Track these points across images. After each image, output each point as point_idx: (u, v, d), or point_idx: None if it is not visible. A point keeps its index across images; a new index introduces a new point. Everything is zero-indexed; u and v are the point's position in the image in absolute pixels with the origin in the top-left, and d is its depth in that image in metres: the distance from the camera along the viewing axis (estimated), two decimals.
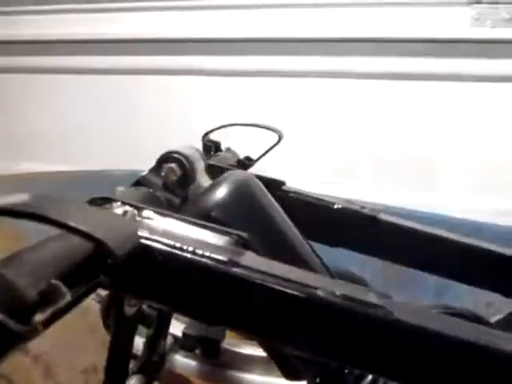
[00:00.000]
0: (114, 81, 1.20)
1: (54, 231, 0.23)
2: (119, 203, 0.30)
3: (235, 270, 0.27)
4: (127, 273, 0.27)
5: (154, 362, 0.51)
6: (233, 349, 0.58)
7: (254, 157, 0.56)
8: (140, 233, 0.27)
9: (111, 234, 0.18)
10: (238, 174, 0.38)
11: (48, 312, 0.20)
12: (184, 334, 0.57)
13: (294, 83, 1.11)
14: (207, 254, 0.27)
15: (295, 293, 0.26)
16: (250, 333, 0.28)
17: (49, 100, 1.26)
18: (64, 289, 0.21)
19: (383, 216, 0.47)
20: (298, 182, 0.52)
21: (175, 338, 0.58)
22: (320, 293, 0.26)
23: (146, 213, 0.30)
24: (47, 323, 0.19)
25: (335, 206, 0.47)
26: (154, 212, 0.30)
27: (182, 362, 0.59)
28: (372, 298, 0.26)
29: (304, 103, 1.11)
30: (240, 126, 0.58)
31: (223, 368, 0.58)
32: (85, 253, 0.25)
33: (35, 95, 1.26)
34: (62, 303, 0.20)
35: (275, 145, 0.56)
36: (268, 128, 0.58)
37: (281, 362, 0.38)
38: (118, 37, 1.19)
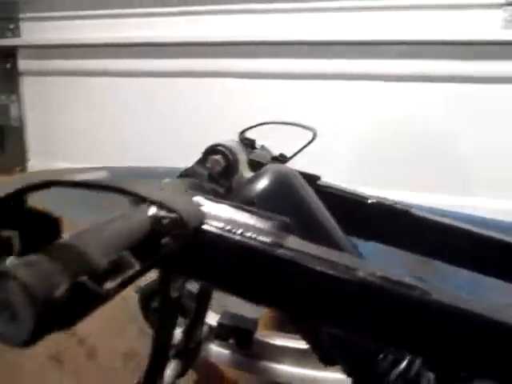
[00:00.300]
0: (150, 83, 1.25)
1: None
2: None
3: (280, 251, 0.28)
4: (181, 252, 0.29)
5: (190, 349, 0.54)
6: (265, 340, 0.60)
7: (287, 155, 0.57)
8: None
9: (184, 207, 0.20)
10: (279, 166, 0.40)
11: (119, 279, 0.22)
12: (219, 324, 0.60)
13: (329, 85, 1.13)
14: (254, 236, 0.29)
15: (337, 273, 0.27)
16: (292, 312, 0.29)
17: (90, 102, 1.31)
18: (133, 260, 0.23)
19: (415, 211, 0.48)
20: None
21: (210, 327, 0.60)
22: (360, 273, 0.28)
23: (197, 198, 0.32)
24: (118, 289, 0.22)
25: (369, 201, 0.48)
26: (204, 198, 0.32)
27: (216, 351, 0.61)
28: (410, 280, 0.28)
29: (337, 105, 1.12)
30: (275, 124, 0.60)
31: (255, 358, 0.60)
32: (145, 230, 0.28)
33: (77, 97, 1.31)
34: (130, 272, 0.22)
35: (310, 142, 0.58)
36: (303, 126, 0.60)
37: (317, 347, 0.40)
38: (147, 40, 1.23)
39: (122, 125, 1.21)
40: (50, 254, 0.22)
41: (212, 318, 0.60)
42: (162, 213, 0.30)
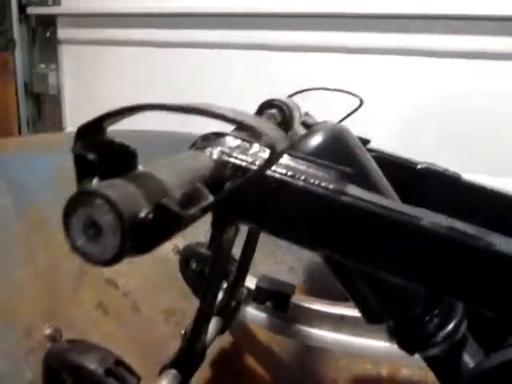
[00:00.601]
0: (186, 54, 1.25)
1: None
2: (232, 137, 0.33)
3: (343, 198, 0.29)
4: (242, 198, 0.29)
5: (231, 307, 0.55)
6: (302, 304, 0.60)
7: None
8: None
9: (272, 133, 0.20)
10: (333, 124, 0.40)
11: (196, 208, 0.23)
12: (257, 286, 0.60)
13: (374, 60, 1.11)
14: (317, 182, 0.29)
15: (402, 221, 0.27)
16: (352, 259, 0.30)
17: (127, 71, 1.32)
18: (206, 191, 0.24)
19: (466, 179, 0.47)
20: None
21: (248, 290, 0.61)
22: (425, 223, 0.28)
23: (256, 146, 0.33)
24: (196, 216, 0.22)
25: (418, 166, 0.47)
26: (263, 146, 0.32)
27: (253, 313, 0.62)
28: (475, 230, 0.28)
29: (378, 80, 1.11)
30: (321, 90, 0.60)
31: (292, 322, 0.61)
32: (211, 171, 0.28)
33: (114, 66, 1.33)
34: (205, 203, 0.23)
35: (356, 109, 0.57)
36: (349, 93, 0.59)
37: (363, 305, 0.40)
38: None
39: (159, 94, 1.22)
40: (131, 179, 0.22)
41: (250, 281, 0.60)
42: (225, 157, 0.31)
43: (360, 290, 0.39)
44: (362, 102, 0.57)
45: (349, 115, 0.57)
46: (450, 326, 0.38)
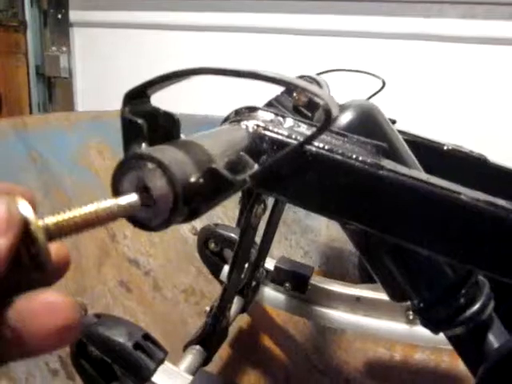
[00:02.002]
0: (200, 37, 1.24)
1: None
2: (265, 111, 0.33)
3: (381, 172, 0.28)
4: (278, 171, 0.29)
5: (252, 287, 0.55)
6: (321, 285, 0.60)
7: None
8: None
9: (328, 98, 0.20)
10: (363, 101, 0.40)
11: (242, 175, 0.23)
12: (276, 267, 0.61)
13: (393, 45, 1.10)
14: (355, 156, 0.29)
15: (441, 195, 0.27)
16: (389, 233, 0.30)
17: (139, 55, 1.31)
18: (250, 160, 0.24)
19: (492, 160, 0.47)
20: None
21: (267, 271, 0.61)
22: (464, 197, 0.28)
23: (290, 121, 0.32)
24: (245, 182, 0.22)
25: (445, 148, 0.47)
26: (298, 121, 0.32)
27: (271, 294, 0.62)
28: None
29: (398, 65, 1.10)
30: (344, 71, 0.59)
31: (310, 303, 0.61)
32: (251, 140, 0.28)
33: (126, 49, 1.32)
34: (248, 169, 0.23)
35: (379, 91, 0.57)
36: (372, 74, 0.59)
37: (389, 282, 0.40)
38: None
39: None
40: (179, 146, 0.22)
41: (269, 263, 0.61)
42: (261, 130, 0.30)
43: (387, 268, 0.39)
44: (384, 84, 0.57)
45: (372, 96, 0.56)
46: (477, 306, 0.38)
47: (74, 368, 0.41)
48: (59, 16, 1.44)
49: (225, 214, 0.72)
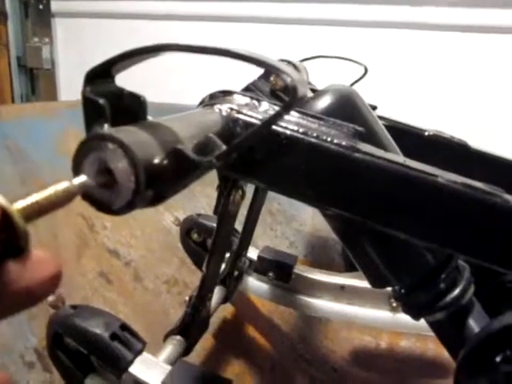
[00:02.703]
0: (186, 26, 1.22)
1: None
2: (240, 95, 0.32)
3: (357, 154, 0.28)
4: (252, 156, 0.29)
5: (234, 277, 0.55)
6: (304, 274, 0.60)
7: None
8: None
9: (294, 75, 0.19)
10: (342, 85, 0.39)
11: (209, 157, 0.22)
12: (259, 257, 0.60)
13: (375, 33, 1.10)
14: (330, 139, 0.29)
15: (417, 178, 0.27)
16: (364, 217, 0.29)
17: (123, 45, 1.29)
18: (219, 141, 0.23)
19: (473, 145, 0.47)
20: None
21: (250, 261, 0.61)
22: (441, 180, 0.27)
23: (265, 104, 0.32)
24: (211, 164, 0.21)
25: (426, 133, 0.47)
26: (273, 104, 0.31)
27: (255, 284, 0.62)
28: (489, 187, 0.27)
29: (381, 54, 1.09)
30: (327, 58, 0.59)
31: (294, 293, 0.61)
32: (224, 124, 0.28)
33: (110, 39, 1.30)
34: (217, 151, 0.22)
35: (361, 77, 0.56)
36: (353, 61, 0.58)
37: (369, 269, 0.39)
38: None
39: (157, 68, 1.20)
40: (143, 127, 0.21)
41: (252, 252, 0.60)
42: (234, 113, 0.30)
43: (367, 254, 0.38)
44: (366, 70, 0.56)
45: (354, 83, 0.56)
46: (457, 291, 0.38)
47: (51, 360, 0.40)
48: (40, 6, 1.41)
49: (208, 205, 0.71)
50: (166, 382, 0.37)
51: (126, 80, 0.25)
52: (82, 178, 0.18)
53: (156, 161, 0.20)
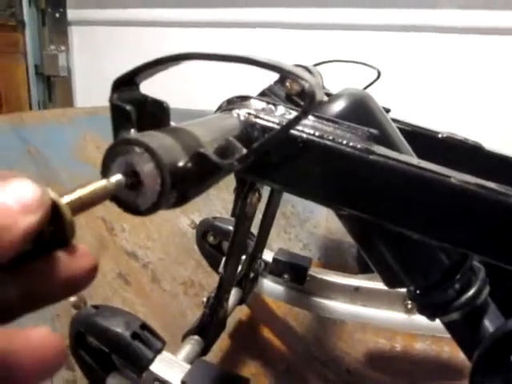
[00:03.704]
0: (199, 34, 1.24)
1: None
2: (257, 100, 0.33)
3: (372, 157, 0.29)
4: (269, 159, 0.30)
5: (250, 278, 0.55)
6: (319, 276, 0.61)
7: None
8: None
9: (312, 81, 0.20)
10: (356, 89, 0.40)
11: (230, 160, 0.23)
12: (274, 259, 0.61)
13: (386, 37, 1.10)
14: (345, 142, 0.29)
15: (431, 179, 0.28)
16: (380, 218, 0.30)
17: (138, 52, 1.31)
18: (239, 145, 0.24)
19: (487, 147, 0.47)
20: None
21: (265, 263, 0.61)
22: (454, 180, 0.28)
23: (281, 109, 0.33)
24: (233, 166, 0.22)
25: (440, 136, 0.47)
26: (289, 108, 0.32)
27: (270, 286, 0.63)
28: (502, 188, 0.28)
29: (392, 57, 1.10)
30: (339, 62, 0.59)
31: (308, 294, 0.61)
32: (242, 128, 0.29)
33: (125, 47, 1.32)
34: (237, 154, 0.23)
35: (374, 81, 0.57)
36: (367, 64, 0.59)
37: (384, 269, 0.40)
38: None
39: (171, 74, 1.21)
40: (167, 132, 0.22)
41: (267, 255, 0.61)
42: (252, 118, 0.31)
43: (382, 254, 0.39)
44: (379, 74, 0.57)
45: (367, 87, 0.56)
46: (472, 291, 0.38)
47: (74, 358, 0.41)
48: (57, 15, 1.44)
49: (224, 208, 0.72)
50: (186, 381, 0.37)
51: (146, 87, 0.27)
52: (117, 177, 0.20)
53: (180, 164, 0.21)
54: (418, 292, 0.40)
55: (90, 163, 0.54)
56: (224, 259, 0.42)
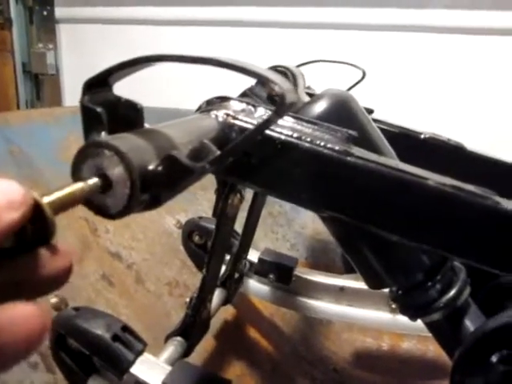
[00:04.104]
0: (190, 32, 1.23)
1: None
2: (236, 101, 0.33)
3: (350, 158, 0.29)
4: (247, 161, 0.29)
5: (234, 279, 0.55)
6: (304, 276, 0.61)
7: None
8: None
9: (283, 83, 0.20)
10: (338, 90, 0.40)
11: (204, 161, 0.22)
12: (260, 259, 0.61)
13: (372, 36, 1.10)
14: (323, 144, 0.29)
15: (409, 180, 0.28)
16: (359, 219, 0.30)
17: (127, 50, 1.30)
18: (213, 147, 0.24)
19: (469, 148, 0.47)
20: None
21: (251, 263, 0.61)
22: (431, 182, 0.28)
23: (261, 110, 0.33)
24: (205, 169, 0.22)
25: (422, 136, 0.47)
26: (269, 110, 0.32)
27: (256, 286, 0.62)
28: (480, 190, 0.28)
29: (378, 57, 1.10)
30: (325, 62, 0.59)
31: (294, 294, 0.61)
32: (220, 129, 0.28)
33: (114, 45, 1.31)
34: (211, 157, 0.23)
35: (359, 81, 0.57)
36: (352, 65, 0.59)
37: (366, 270, 0.40)
38: None
39: (160, 74, 1.21)
40: (139, 134, 0.22)
41: (253, 254, 0.61)
42: (230, 119, 0.30)
43: (364, 256, 0.39)
44: (364, 74, 0.57)
45: (352, 87, 0.56)
46: (453, 292, 0.39)
47: (54, 361, 0.41)
48: (45, 13, 1.43)
49: (210, 208, 0.72)
50: (167, 382, 0.37)
51: (128, 86, 0.26)
52: (93, 180, 0.20)
53: (151, 167, 0.20)
54: (399, 292, 0.40)
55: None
56: (206, 259, 0.42)
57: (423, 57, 1.08)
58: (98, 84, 0.23)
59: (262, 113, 0.32)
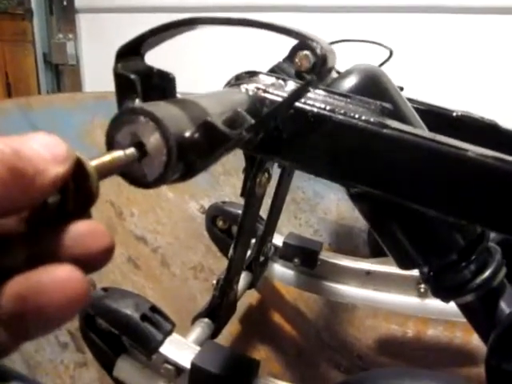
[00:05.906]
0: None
1: None
2: (266, 75, 0.32)
3: (385, 130, 0.28)
4: (277, 133, 0.29)
5: (260, 262, 0.55)
6: (330, 260, 0.60)
7: None
8: None
9: (325, 45, 0.19)
10: (369, 65, 0.39)
11: (239, 129, 0.22)
12: (284, 243, 0.60)
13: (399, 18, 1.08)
14: (358, 116, 0.28)
15: (447, 152, 0.26)
16: (394, 194, 0.29)
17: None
18: (248, 116, 0.23)
19: (503, 125, 0.46)
20: None
21: (276, 247, 0.61)
22: (471, 154, 0.27)
23: (291, 84, 0.32)
24: (241, 136, 0.21)
25: (454, 114, 0.46)
26: (299, 83, 0.31)
27: (280, 270, 0.62)
28: None
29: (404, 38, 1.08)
30: (351, 41, 0.58)
31: (319, 279, 0.61)
32: (251, 103, 0.28)
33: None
34: (246, 125, 0.22)
35: (386, 60, 0.55)
36: (379, 44, 0.57)
37: (396, 249, 0.39)
38: None
39: (181, 62, 1.21)
40: (173, 102, 0.22)
41: (277, 239, 0.60)
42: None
43: (395, 234, 0.38)
44: (391, 53, 0.56)
45: (380, 66, 0.55)
46: (487, 273, 0.38)
47: (84, 341, 0.41)
48: (64, 3, 1.43)
49: (233, 194, 0.71)
50: (196, 362, 0.37)
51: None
52: (131, 149, 0.19)
53: (187, 134, 0.20)
54: (431, 273, 0.39)
55: (98, 147, 0.53)
56: (233, 241, 0.42)
57: (451, 37, 1.06)
58: (131, 52, 0.22)
59: (293, 87, 0.32)
